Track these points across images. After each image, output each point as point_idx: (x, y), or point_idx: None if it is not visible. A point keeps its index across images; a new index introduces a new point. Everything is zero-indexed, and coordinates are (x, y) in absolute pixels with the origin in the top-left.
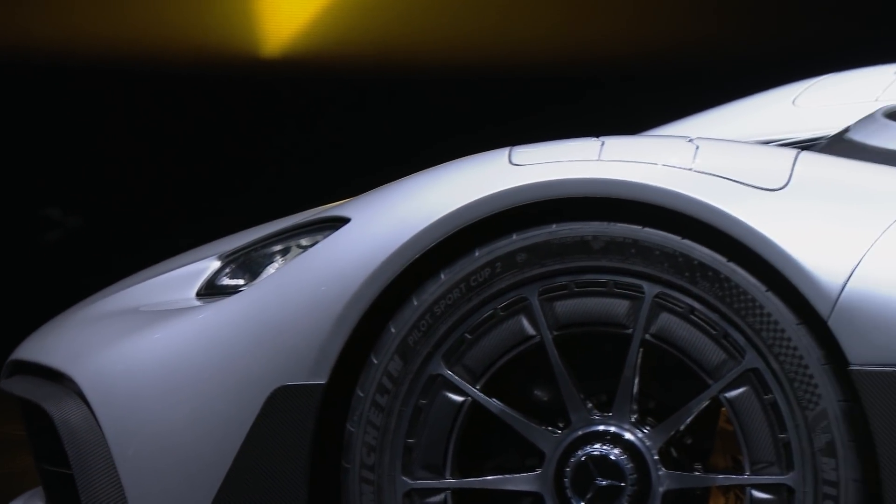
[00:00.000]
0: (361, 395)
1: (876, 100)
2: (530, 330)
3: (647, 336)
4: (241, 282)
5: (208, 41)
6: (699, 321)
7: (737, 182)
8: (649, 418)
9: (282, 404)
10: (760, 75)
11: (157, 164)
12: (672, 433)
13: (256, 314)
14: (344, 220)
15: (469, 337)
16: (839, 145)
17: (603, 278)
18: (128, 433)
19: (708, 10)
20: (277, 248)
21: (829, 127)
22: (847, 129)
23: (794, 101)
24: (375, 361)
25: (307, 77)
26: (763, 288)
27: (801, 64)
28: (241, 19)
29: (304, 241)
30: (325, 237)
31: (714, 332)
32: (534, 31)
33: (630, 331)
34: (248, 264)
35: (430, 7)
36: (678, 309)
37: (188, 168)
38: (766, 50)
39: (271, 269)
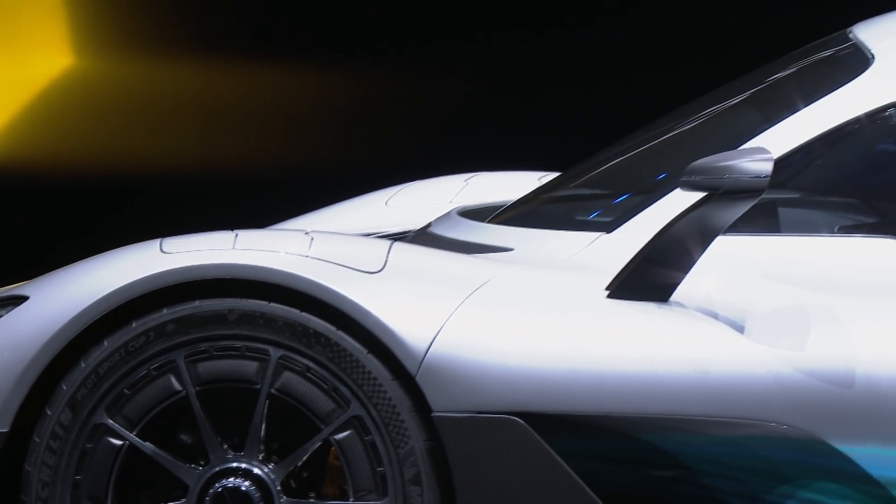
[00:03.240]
0: (38, 440)
1: (450, 202)
2: (177, 386)
3: (273, 390)
4: None
5: None
6: (314, 378)
7: (343, 266)
8: (274, 456)
9: None
10: (362, 182)
11: None
12: (292, 468)
13: None
14: (23, 298)
15: (128, 392)
16: (423, 237)
17: (237, 344)
18: None
19: (324, 134)
20: None
21: (414, 222)
22: (429, 225)
23: (386, 203)
24: (49, 413)
25: None
26: (365, 351)
27: (392, 173)
28: None
29: None
30: (7, 312)
31: (326, 387)
32: (173, 146)
33: (258, 386)
34: None
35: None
36: (297, 368)
37: None
38: (362, 162)
39: None
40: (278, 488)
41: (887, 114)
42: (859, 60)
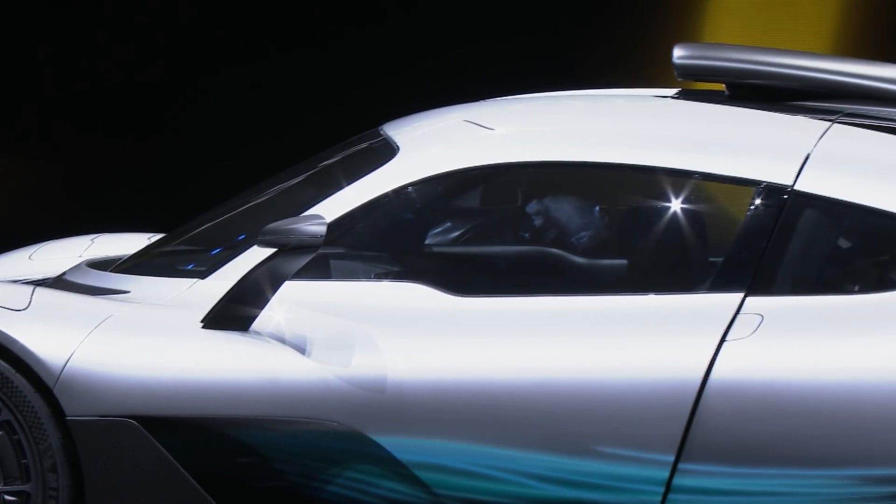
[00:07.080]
0: None
1: (80, 256)
2: None
3: None
4: None
5: None
6: None
7: None
8: None
9: None
10: (9, 241)
11: None
12: None
13: None
14: None
15: None
16: (60, 283)
17: None
18: None
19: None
20: None
21: (52, 272)
22: (64, 273)
23: (30, 257)
24: None
25: None
26: (13, 370)
27: (34, 234)
28: None
29: None
30: None
31: None
32: None
33: None
34: None
35: None
36: None
37: None
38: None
39: None
40: None
41: (409, 190)
42: (388, 150)
